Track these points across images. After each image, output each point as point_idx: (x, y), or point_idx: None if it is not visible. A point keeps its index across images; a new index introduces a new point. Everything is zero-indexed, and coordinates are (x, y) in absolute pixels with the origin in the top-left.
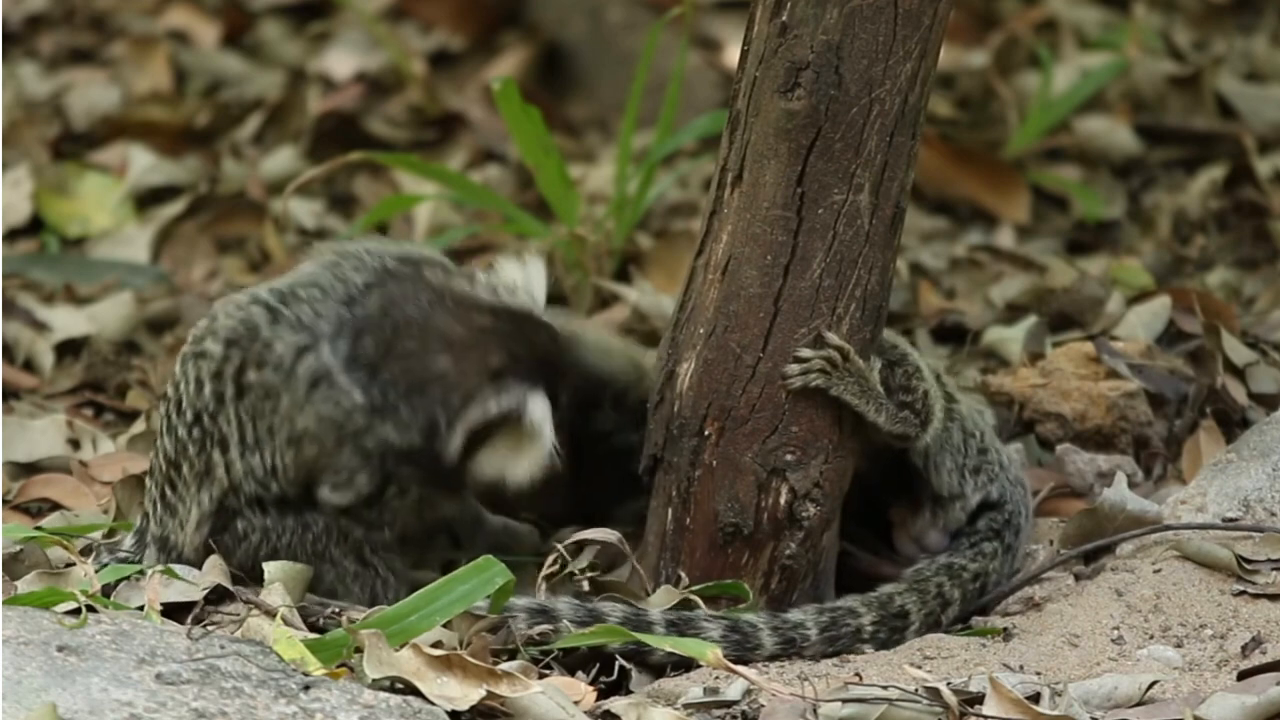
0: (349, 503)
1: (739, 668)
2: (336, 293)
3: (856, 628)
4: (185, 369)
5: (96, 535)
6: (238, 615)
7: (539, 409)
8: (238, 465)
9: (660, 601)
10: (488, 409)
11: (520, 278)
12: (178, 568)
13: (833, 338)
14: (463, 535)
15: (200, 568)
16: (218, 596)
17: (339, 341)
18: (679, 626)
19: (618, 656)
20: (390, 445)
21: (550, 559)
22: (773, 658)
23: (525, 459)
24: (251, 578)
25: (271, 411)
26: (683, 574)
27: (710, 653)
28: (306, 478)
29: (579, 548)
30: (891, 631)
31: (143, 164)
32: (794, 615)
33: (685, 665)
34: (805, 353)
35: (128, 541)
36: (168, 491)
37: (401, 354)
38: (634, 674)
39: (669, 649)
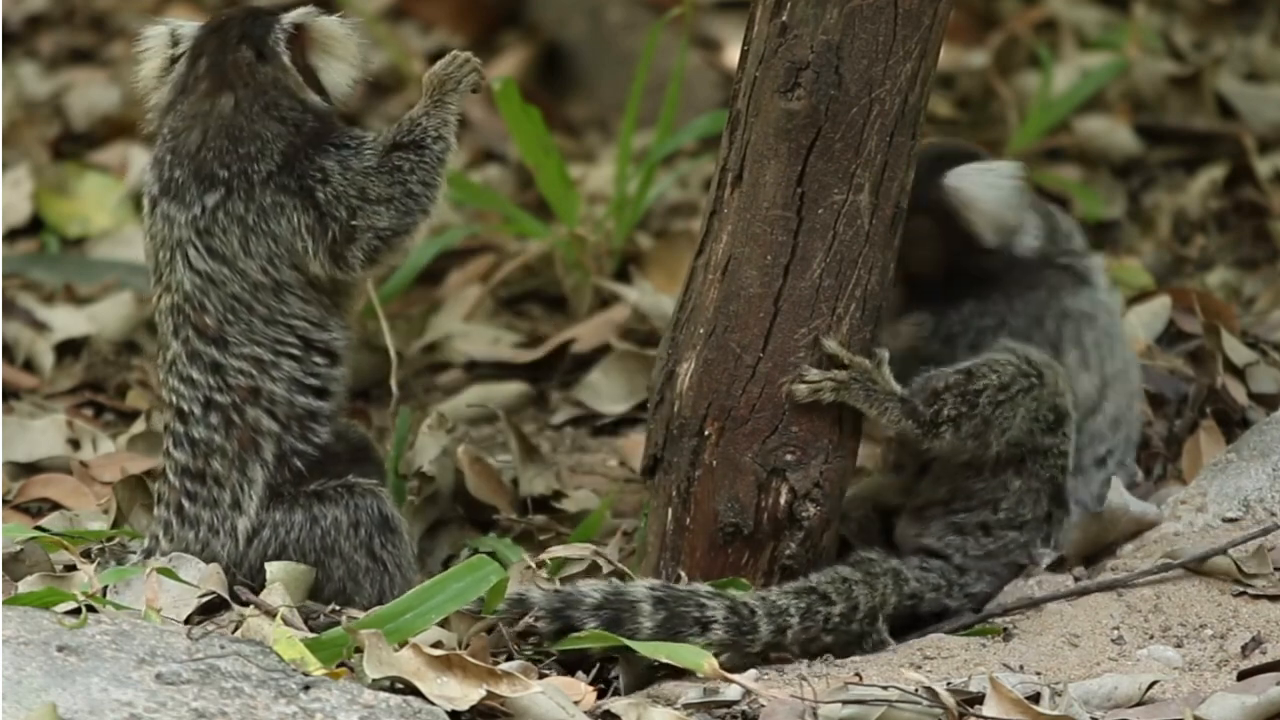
0: (313, 235)
1: (736, 677)
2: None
3: (826, 615)
4: (168, 380)
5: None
6: (238, 616)
7: (328, 20)
8: (275, 388)
9: None
10: (273, 24)
11: None
12: (180, 569)
13: (834, 345)
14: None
15: (244, 571)
16: (215, 606)
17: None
18: (668, 604)
19: (613, 662)
20: (277, 152)
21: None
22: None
23: (345, 60)
24: (259, 584)
25: (246, 313)
26: (683, 573)
27: (706, 663)
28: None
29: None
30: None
31: (143, 164)
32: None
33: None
34: (814, 374)
35: (131, 561)
36: (186, 505)
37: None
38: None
39: (664, 659)
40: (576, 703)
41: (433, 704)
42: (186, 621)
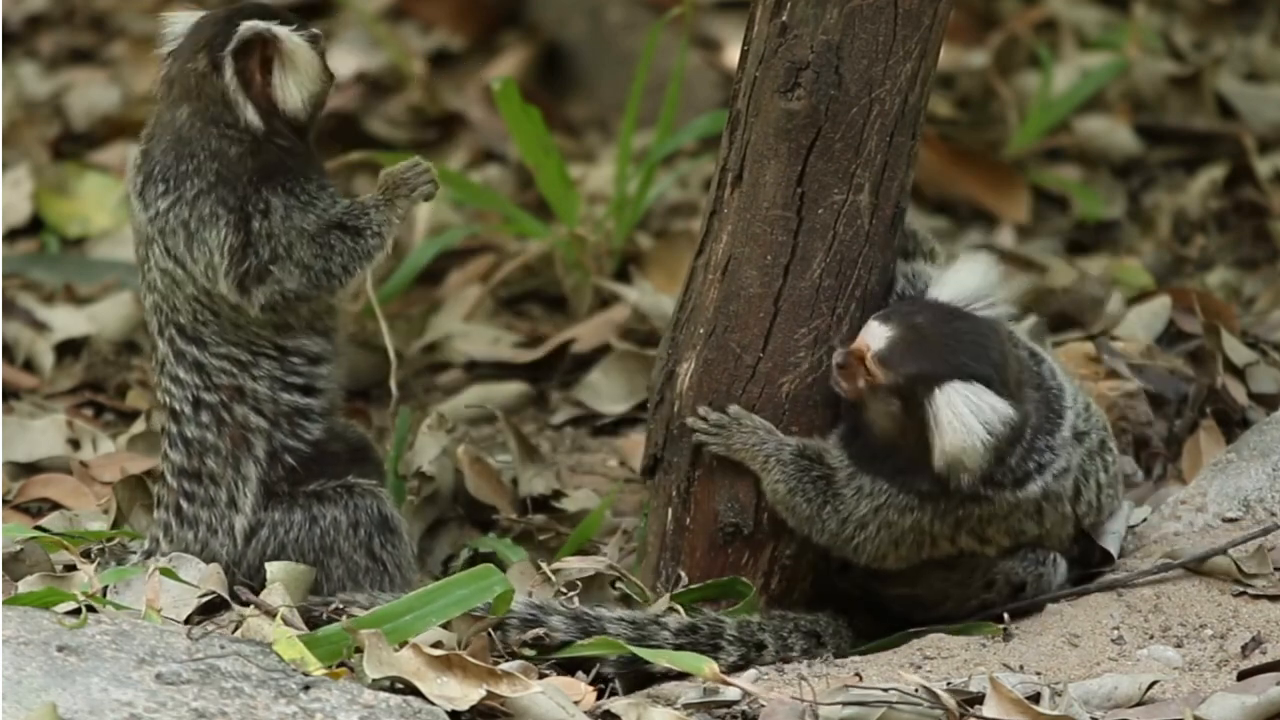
0: (232, 256)
1: (734, 679)
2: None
3: (818, 654)
4: (160, 380)
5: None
6: (238, 616)
7: (284, 32)
8: (257, 386)
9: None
10: (231, 35)
11: None
12: (181, 569)
13: None
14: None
15: (243, 571)
16: (215, 606)
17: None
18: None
19: (612, 669)
20: (222, 162)
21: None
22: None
23: (301, 75)
24: (259, 583)
25: (211, 316)
26: (683, 574)
27: (708, 667)
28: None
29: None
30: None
31: None
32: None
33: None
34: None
35: (131, 562)
36: (184, 505)
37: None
38: (623, 683)
39: (666, 664)
40: (576, 703)
41: (433, 704)
42: (186, 621)
